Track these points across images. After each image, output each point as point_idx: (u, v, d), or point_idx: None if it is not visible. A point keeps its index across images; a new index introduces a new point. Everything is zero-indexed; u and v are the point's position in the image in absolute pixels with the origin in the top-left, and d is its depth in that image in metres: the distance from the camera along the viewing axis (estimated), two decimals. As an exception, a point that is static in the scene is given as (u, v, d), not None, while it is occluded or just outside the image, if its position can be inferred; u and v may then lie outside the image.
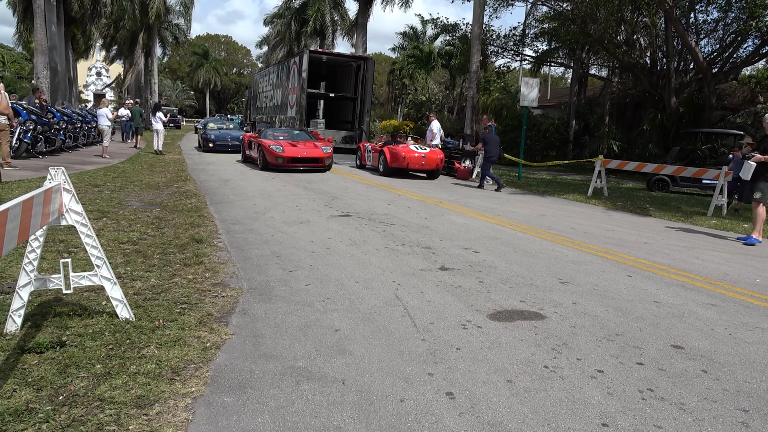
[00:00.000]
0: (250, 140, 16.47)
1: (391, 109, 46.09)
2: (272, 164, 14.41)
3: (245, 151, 17.06)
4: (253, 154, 16.06)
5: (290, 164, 14.41)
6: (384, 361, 3.27)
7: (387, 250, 6.14)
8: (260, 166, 15.03)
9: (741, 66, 21.72)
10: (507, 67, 27.69)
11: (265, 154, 14.59)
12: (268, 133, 16.37)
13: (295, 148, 14.63)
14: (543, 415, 2.72)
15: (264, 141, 14.99)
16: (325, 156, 14.84)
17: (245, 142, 17.07)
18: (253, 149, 16.04)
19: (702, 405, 2.91)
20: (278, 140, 15.23)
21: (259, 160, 15.19)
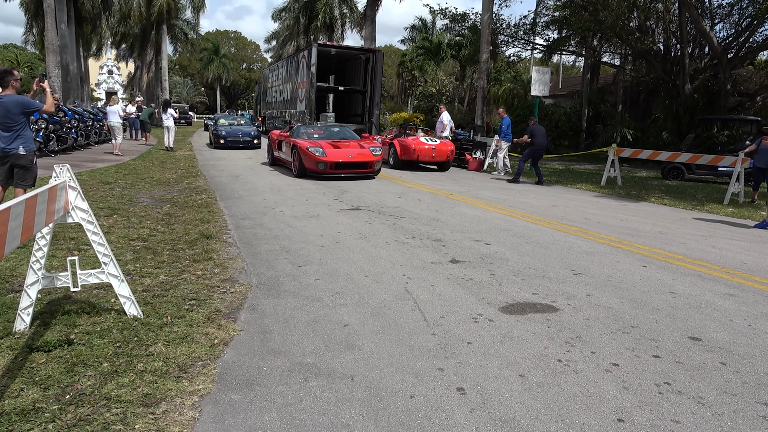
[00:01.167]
0: (280, 140, 13.81)
1: (401, 102, 45.90)
2: (311, 171, 11.78)
3: (272, 152, 14.60)
4: (283, 157, 13.48)
5: (333, 171, 11.72)
6: (394, 356, 3.22)
7: (397, 244, 6.08)
8: (296, 172, 12.24)
9: (757, 50, 21.27)
10: (518, 57, 27.37)
11: (303, 158, 11.84)
12: (301, 131, 13.45)
13: (337, 151, 11.91)
14: (556, 411, 2.66)
15: (299, 142, 12.16)
16: (375, 159, 12.13)
17: (273, 141, 14.49)
18: (283, 151, 13.44)
19: (721, 399, 2.82)
20: (316, 141, 12.43)
21: (293, 165, 12.37)
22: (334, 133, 13.78)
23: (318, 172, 11.71)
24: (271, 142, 14.69)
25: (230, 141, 20.44)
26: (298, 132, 13.32)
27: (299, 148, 11.97)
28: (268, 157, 15.24)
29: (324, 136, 13.31)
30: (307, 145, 11.89)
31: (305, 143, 12.02)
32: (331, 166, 11.63)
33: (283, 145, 13.42)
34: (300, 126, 14.03)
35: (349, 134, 13.96)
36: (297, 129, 13.55)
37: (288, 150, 12.84)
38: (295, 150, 12.12)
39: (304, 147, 11.83)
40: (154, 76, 41.24)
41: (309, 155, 11.63)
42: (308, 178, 11.94)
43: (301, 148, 11.90)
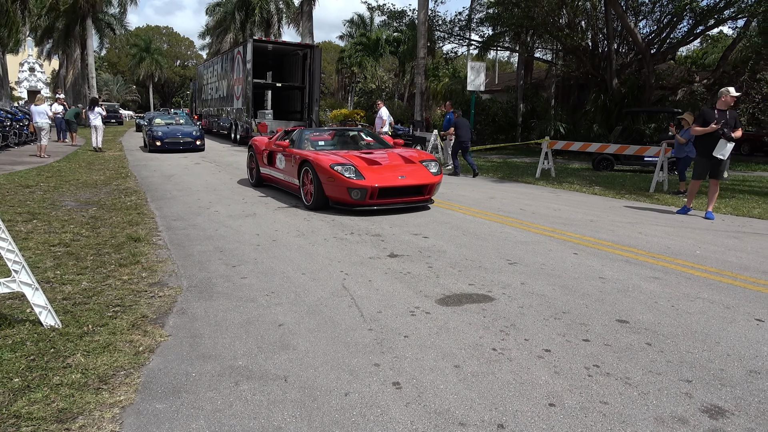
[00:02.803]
0: (273, 151, 9.41)
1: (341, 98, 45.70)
2: (339, 200, 7.58)
3: (258, 167, 10.03)
4: (281, 177, 9.11)
5: (376, 201, 7.47)
6: (329, 354, 3.16)
7: (335, 240, 6.01)
8: (309, 202, 7.89)
9: (677, 46, 22.48)
10: (454, 53, 27.79)
11: (324, 182, 7.54)
12: (308, 138, 9.13)
13: (379, 170, 7.64)
14: (490, 399, 2.67)
15: (317, 157, 7.84)
16: (435, 180, 7.94)
17: (259, 153, 9.96)
18: (281, 168, 9.05)
19: (647, 378, 2.92)
20: (337, 153, 8.21)
21: (304, 191, 8.08)
22: (350, 138, 9.85)
23: (351, 203, 7.42)
24: (256, 154, 10.04)
25: (168, 143, 18.03)
26: (304, 140, 8.94)
27: (317, 167, 7.57)
28: (249, 175, 10.51)
29: (337, 143, 9.42)
30: (330, 161, 7.51)
31: (326, 158, 7.67)
32: (373, 194, 7.28)
33: (280, 159, 9.03)
34: (305, 131, 9.42)
35: (374, 140, 9.73)
36: (301, 135, 9.08)
37: (291, 168, 8.50)
38: (309, 169, 7.80)
39: (327, 165, 7.42)
40: (80, 73, 39.20)
41: (338, 178, 7.28)
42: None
43: (322, 166, 7.50)
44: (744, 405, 2.65)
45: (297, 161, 8.23)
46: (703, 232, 6.86)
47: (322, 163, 7.53)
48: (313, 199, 7.76)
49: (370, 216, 7.41)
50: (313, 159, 7.74)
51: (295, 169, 8.27)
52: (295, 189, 8.46)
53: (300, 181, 8.13)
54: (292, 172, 8.45)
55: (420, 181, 7.74)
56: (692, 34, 20.84)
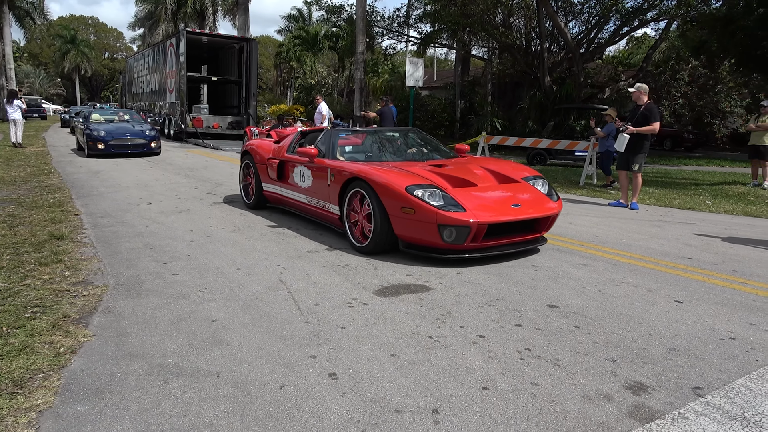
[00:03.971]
0: (288, 162, 6.63)
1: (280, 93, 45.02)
2: (422, 243, 4.94)
3: (259, 182, 7.23)
4: (314, 204, 6.13)
5: (482, 243, 4.89)
6: (264, 348, 3.09)
7: (273, 234, 5.90)
8: (363, 243, 5.22)
9: (605, 46, 23.52)
10: (393, 49, 27.96)
11: (397, 216, 4.89)
12: (339, 142, 6.33)
13: (477, 194, 5.10)
14: (426, 386, 2.69)
15: (383, 176, 5.06)
16: (557, 211, 5.35)
17: (260, 163, 7.17)
18: (308, 187, 6.20)
19: (575, 359, 3.03)
20: (401, 167, 5.45)
21: (358, 228, 5.32)
22: (401, 142, 6.79)
23: (439, 247, 4.85)
24: (256, 164, 7.20)
25: (115, 146, 14.20)
26: (337, 145, 6.16)
27: (383, 190, 4.94)
28: (244, 193, 7.62)
29: (388, 150, 6.45)
30: (402, 181, 4.93)
31: (393, 176, 5.03)
32: (478, 234, 4.74)
33: (302, 174, 6.24)
34: (338, 132, 6.45)
35: (429, 144, 6.84)
36: (333, 139, 6.23)
37: (325, 188, 5.78)
38: (364, 193, 5.12)
39: (400, 187, 4.83)
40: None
41: (420, 209, 4.69)
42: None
43: (392, 189, 4.87)
44: (664, 380, 2.79)
45: (339, 179, 5.43)
46: (629, 222, 7.20)
47: (393, 185, 4.80)
48: (371, 241, 5.01)
49: (309, 210, 7.31)
50: (373, 177, 4.97)
51: (335, 191, 5.49)
52: (331, 219, 5.76)
53: (344, 210, 5.39)
54: (327, 193, 5.69)
55: (540, 212, 5.05)
56: (618, 34, 21.85)
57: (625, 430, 2.35)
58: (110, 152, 14.20)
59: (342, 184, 5.41)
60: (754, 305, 3.93)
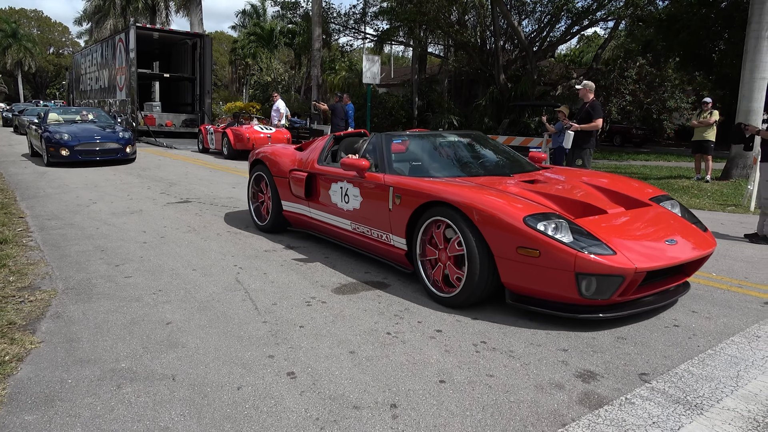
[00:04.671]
0: (321, 175, 5.18)
1: (235, 91, 44.28)
2: (547, 297, 3.47)
3: (277, 201, 5.76)
4: (363, 233, 4.63)
5: (631, 296, 3.48)
6: (221, 349, 3.06)
7: (229, 234, 5.82)
8: (461, 295, 3.66)
9: (557, 44, 24.12)
10: (350, 46, 27.88)
11: (511, 259, 3.43)
12: (393, 150, 4.80)
13: (615, 225, 3.69)
14: (384, 381, 2.72)
15: (489, 201, 3.57)
16: (713, 246, 3.89)
17: (279, 175, 5.69)
18: (355, 210, 4.69)
19: (529, 350, 3.12)
20: (493, 187, 4.01)
21: (438, 270, 3.88)
22: (470, 151, 5.39)
23: (572, 302, 3.42)
24: (274, 177, 5.76)
25: (82, 151, 11.68)
26: (389, 155, 4.69)
27: (493, 221, 3.47)
28: (255, 213, 6.17)
29: (458, 161, 5.08)
30: (521, 210, 3.48)
31: (496, 201, 3.61)
32: (631, 285, 3.35)
33: (345, 192, 4.82)
34: (389, 137, 4.87)
35: (512, 158, 5.26)
36: (384, 143, 4.76)
37: (383, 213, 4.34)
38: (455, 225, 3.65)
39: (515, 219, 3.41)
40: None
41: (550, 250, 3.27)
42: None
43: (505, 221, 3.42)
44: (612, 368, 2.90)
45: (409, 202, 4.02)
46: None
47: (503, 214, 3.44)
48: (463, 290, 3.62)
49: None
50: (469, 201, 3.58)
51: (401, 218, 4.09)
52: (392, 255, 4.32)
53: (415, 245, 4.01)
54: (386, 220, 4.27)
55: (702, 249, 3.75)
56: (569, 33, 22.45)
57: (575, 416, 2.44)
58: (77, 159, 11.63)
59: (414, 210, 3.94)
60: (696, 293, 4.13)
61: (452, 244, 3.72)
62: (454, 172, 4.68)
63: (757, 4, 10.77)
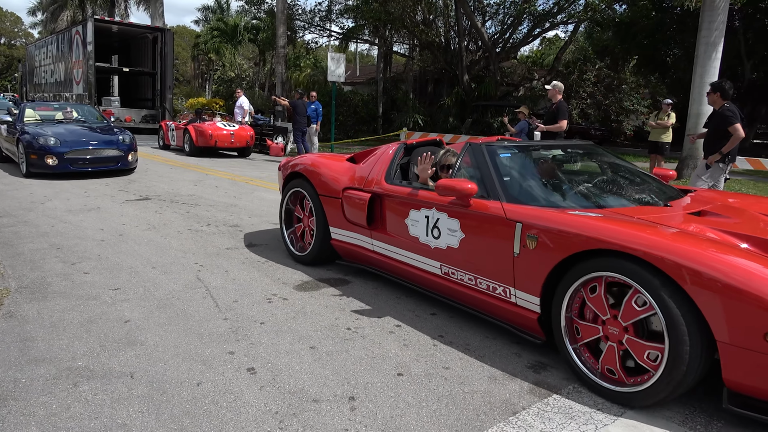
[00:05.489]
0: (395, 199, 3.93)
1: (198, 86, 43.53)
2: None
3: (324, 225, 4.55)
4: (446, 277, 3.51)
5: None
6: (180, 346, 3.06)
7: (190, 232, 5.77)
8: (617, 388, 2.59)
9: (519, 46, 24.57)
10: (315, 43, 27.77)
11: None
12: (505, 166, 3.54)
13: None
14: (343, 375, 2.78)
15: (730, 266, 2.27)
16: None
17: (328, 194, 4.48)
18: (456, 250, 3.40)
19: (483, 343, 3.23)
20: (652, 221, 2.89)
21: (580, 355, 2.77)
22: (594, 170, 4.20)
23: None
24: (321, 195, 4.55)
25: (74, 160, 9.25)
26: (503, 174, 3.44)
27: (724, 293, 2.21)
28: (292, 238, 4.99)
29: (585, 189, 3.57)
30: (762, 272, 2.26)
31: (742, 261, 2.33)
32: None
33: (427, 222, 3.61)
34: (491, 146, 3.64)
35: (641, 177, 4.09)
36: (490, 159, 3.50)
37: (484, 254, 3.22)
38: (636, 285, 2.44)
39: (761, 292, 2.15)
40: None
41: None
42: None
43: (754, 294, 2.16)
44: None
45: (550, 247, 2.82)
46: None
47: (752, 283, 2.20)
48: (659, 385, 2.42)
49: (230, 206, 7.20)
50: (693, 260, 2.31)
51: (536, 269, 2.91)
52: (510, 316, 3.15)
53: (561, 311, 2.81)
54: (508, 269, 3.08)
55: None
56: (531, 35, 22.93)
57: (526, 405, 2.55)
58: (66, 170, 9.20)
59: (561, 260, 2.76)
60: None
61: (627, 305, 2.53)
62: (600, 201, 3.39)
63: (707, 12, 11.24)
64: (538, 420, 2.43)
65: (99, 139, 9.74)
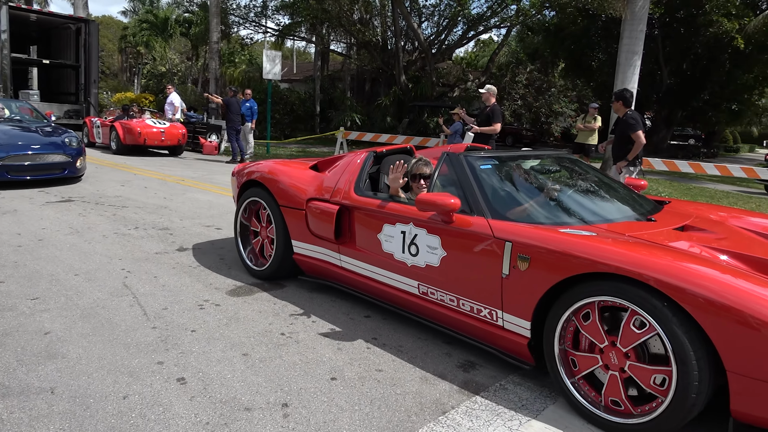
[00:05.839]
0: (373, 214, 3.60)
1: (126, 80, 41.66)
2: None
3: (284, 238, 4.21)
4: (423, 297, 3.29)
5: None
6: (106, 358, 2.96)
7: (117, 236, 5.55)
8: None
9: (454, 47, 25.12)
10: (250, 39, 27.23)
11: None
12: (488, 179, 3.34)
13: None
14: (276, 382, 2.78)
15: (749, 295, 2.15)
16: None
17: (291, 204, 4.13)
18: (420, 266, 3.25)
19: (416, 344, 3.31)
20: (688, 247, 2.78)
21: (579, 388, 2.60)
22: (573, 182, 3.85)
23: None
24: (282, 206, 4.20)
25: (11, 167, 7.85)
26: (488, 188, 3.25)
27: (743, 325, 2.10)
28: (249, 253, 4.61)
29: (572, 202, 3.48)
30: None
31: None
32: None
33: (403, 237, 3.36)
34: (472, 156, 3.44)
35: (616, 189, 3.85)
36: (473, 172, 3.29)
37: (467, 274, 3.01)
38: (640, 312, 2.32)
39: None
40: None
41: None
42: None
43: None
44: (490, 358, 3.15)
45: (544, 269, 2.64)
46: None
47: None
48: (659, 421, 2.31)
49: (160, 208, 6.97)
50: (711, 291, 2.17)
51: (526, 292, 2.72)
52: (500, 341, 2.93)
53: (554, 340, 2.65)
54: (493, 290, 2.86)
55: None
56: (466, 37, 23.50)
57: (455, 404, 2.64)
58: (4, 178, 7.79)
59: (555, 283, 2.58)
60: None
61: (626, 329, 2.41)
62: (586, 216, 3.21)
63: (628, 22, 11.89)
64: (466, 418, 2.52)
65: (41, 142, 8.26)
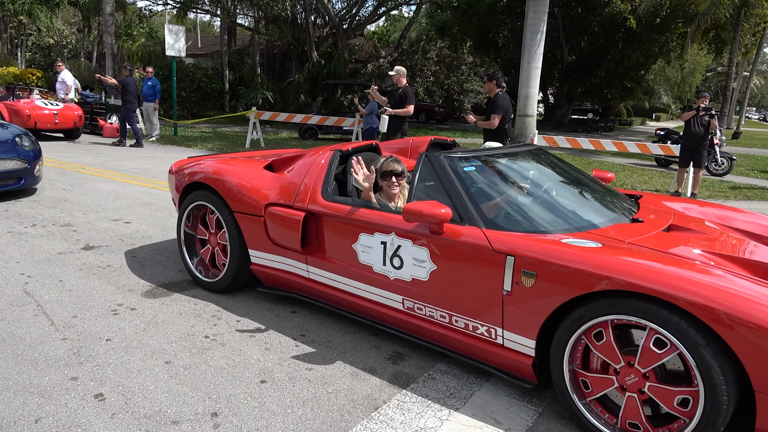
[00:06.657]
0: (345, 222, 3.26)
1: (7, 53, 37.79)
2: None
3: (244, 251, 3.78)
4: (409, 312, 3.05)
5: None
6: (11, 377, 2.73)
7: (11, 235, 5.09)
8: None
9: (365, 23, 24.92)
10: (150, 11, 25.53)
11: None
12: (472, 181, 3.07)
13: None
14: (204, 390, 2.70)
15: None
16: None
17: (248, 209, 3.66)
18: (405, 279, 2.97)
19: (344, 339, 3.33)
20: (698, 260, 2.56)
21: (594, 410, 2.46)
22: (546, 177, 3.50)
23: None
24: (236, 212, 3.73)
25: None
26: (476, 191, 3.01)
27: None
28: (198, 263, 4.14)
29: (558, 203, 3.22)
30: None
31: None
32: None
33: (384, 248, 3.05)
34: (449, 156, 3.10)
35: (591, 184, 3.59)
36: (457, 175, 2.99)
37: (462, 290, 2.76)
38: (663, 333, 2.17)
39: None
40: None
41: None
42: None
43: None
44: (417, 347, 3.24)
45: (554, 286, 2.42)
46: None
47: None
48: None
49: (59, 201, 6.46)
50: (738, 309, 2.04)
51: (533, 309, 2.51)
52: (500, 360, 2.72)
53: (563, 359, 2.46)
54: (493, 307, 2.65)
55: None
56: (377, 14, 23.32)
57: (386, 398, 2.70)
58: None
59: (566, 300, 2.39)
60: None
61: (645, 349, 2.24)
62: (579, 220, 2.95)
63: (532, 2, 12.32)
64: (398, 412, 2.58)
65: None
